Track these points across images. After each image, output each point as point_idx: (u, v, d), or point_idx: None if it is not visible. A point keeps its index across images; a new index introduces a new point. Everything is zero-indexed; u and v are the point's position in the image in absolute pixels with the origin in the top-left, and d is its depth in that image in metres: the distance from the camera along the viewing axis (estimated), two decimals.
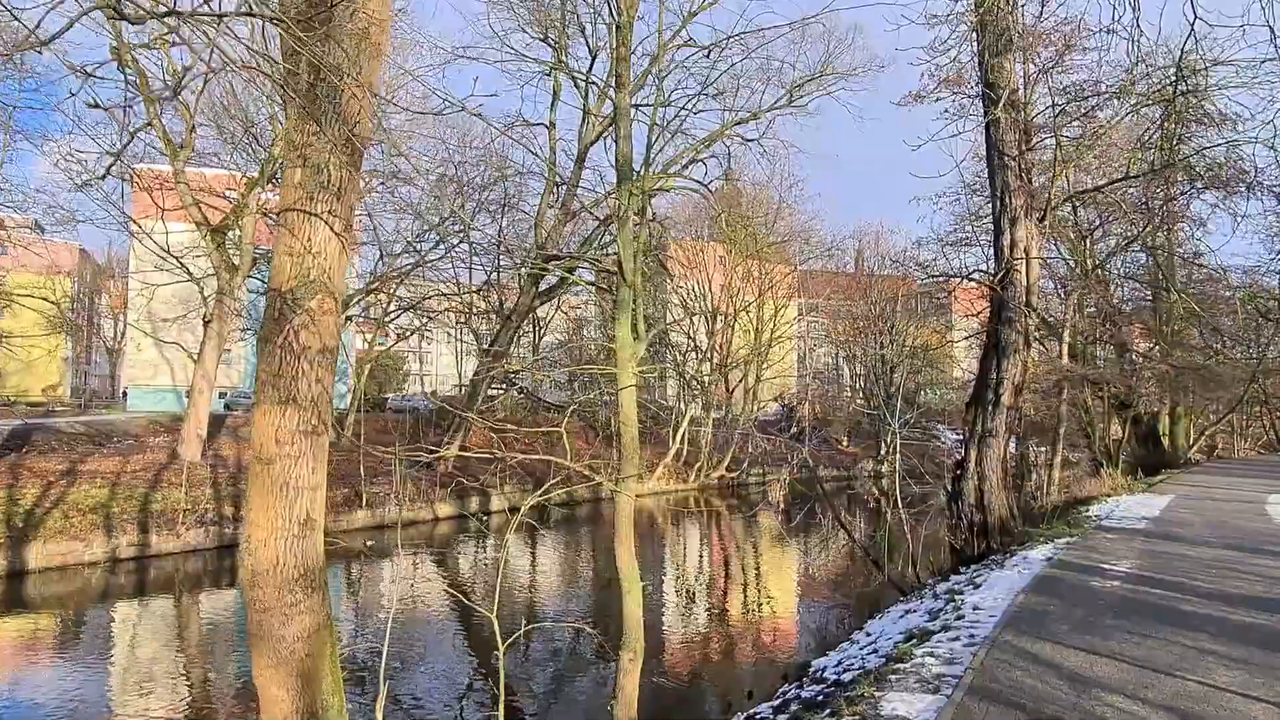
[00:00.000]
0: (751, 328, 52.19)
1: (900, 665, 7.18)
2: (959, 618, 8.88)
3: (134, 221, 30.30)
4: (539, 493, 7.78)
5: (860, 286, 61.36)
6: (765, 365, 54.73)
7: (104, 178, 30.71)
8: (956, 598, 10.39)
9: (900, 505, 17.78)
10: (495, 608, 7.25)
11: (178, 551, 23.99)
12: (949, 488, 16.01)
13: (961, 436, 16.22)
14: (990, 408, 15.19)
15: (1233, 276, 33.22)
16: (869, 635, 11.51)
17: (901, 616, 11.78)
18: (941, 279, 34.56)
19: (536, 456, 8.59)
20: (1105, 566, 11.35)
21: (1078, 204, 31.21)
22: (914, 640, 8.56)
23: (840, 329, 65.16)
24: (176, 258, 31.42)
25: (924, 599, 12.72)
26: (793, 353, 68.15)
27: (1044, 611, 8.72)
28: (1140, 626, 8.08)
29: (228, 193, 34.72)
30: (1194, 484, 26.98)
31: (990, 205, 16.85)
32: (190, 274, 31.86)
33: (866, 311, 59.79)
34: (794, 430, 41.76)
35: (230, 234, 32.70)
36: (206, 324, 32.58)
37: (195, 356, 33.17)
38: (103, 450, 31.46)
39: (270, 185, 32.88)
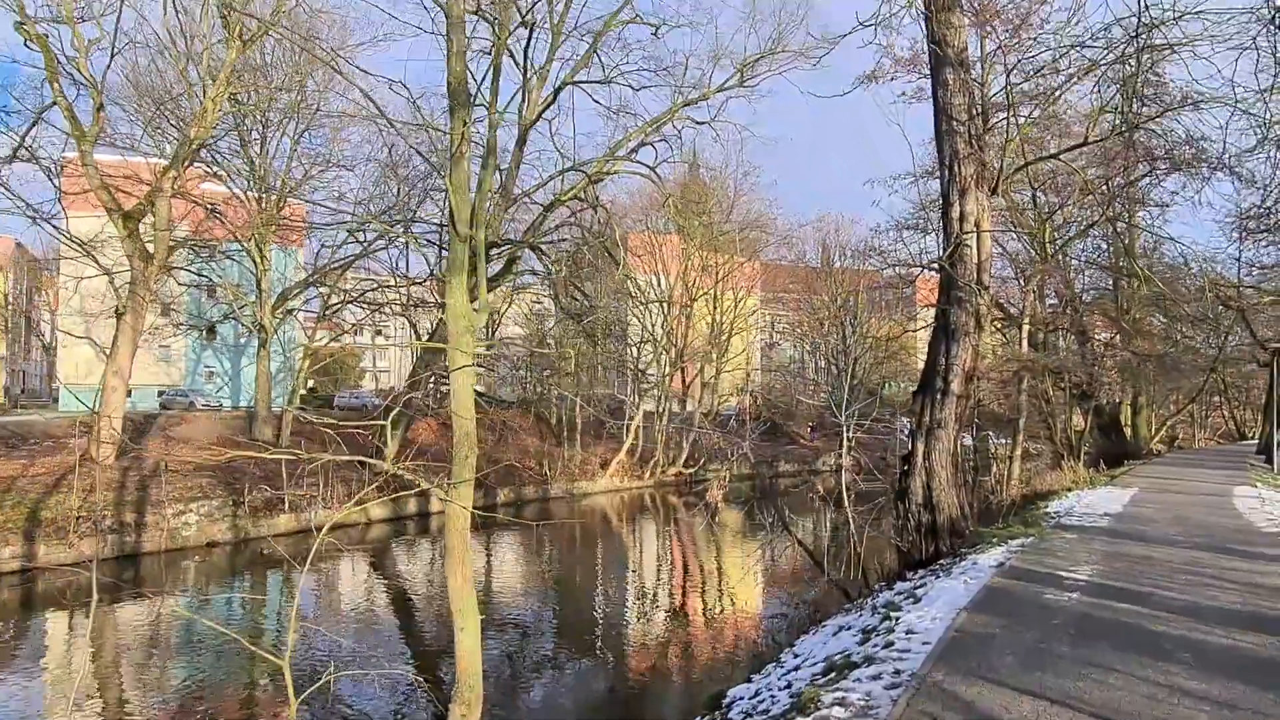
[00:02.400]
0: (710, 318, 50.83)
1: None
2: (888, 645, 7.39)
3: (31, 207, 27.94)
4: (349, 505, 6.17)
5: (820, 277, 60.35)
6: (724, 358, 53.39)
7: (10, 161, 28.56)
8: (892, 615, 8.93)
9: (848, 503, 16.41)
10: (290, 651, 5.62)
11: (70, 563, 21.90)
12: (896, 484, 14.61)
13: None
14: (939, 396, 13.79)
15: (1193, 265, 32.43)
16: (796, 657, 10.03)
17: (834, 634, 10.32)
18: (895, 267, 33.28)
19: (346, 457, 6.96)
20: (1063, 574, 9.96)
21: (1037, 188, 30.20)
22: (831, 675, 7.07)
23: (803, 321, 64.12)
24: (79, 244, 29.19)
25: (863, 611, 11.30)
26: (755, 346, 66.94)
27: (988, 636, 7.25)
28: (1102, 655, 6.64)
29: (140, 176, 32.52)
30: (1157, 476, 25.98)
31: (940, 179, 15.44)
32: (97, 262, 29.57)
33: (828, 303, 58.78)
34: (730, 424, 40.39)
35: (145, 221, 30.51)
36: (120, 317, 30.32)
37: (107, 352, 30.90)
38: (16, 452, 29.17)
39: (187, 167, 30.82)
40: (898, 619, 8.47)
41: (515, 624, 18.17)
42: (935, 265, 14.60)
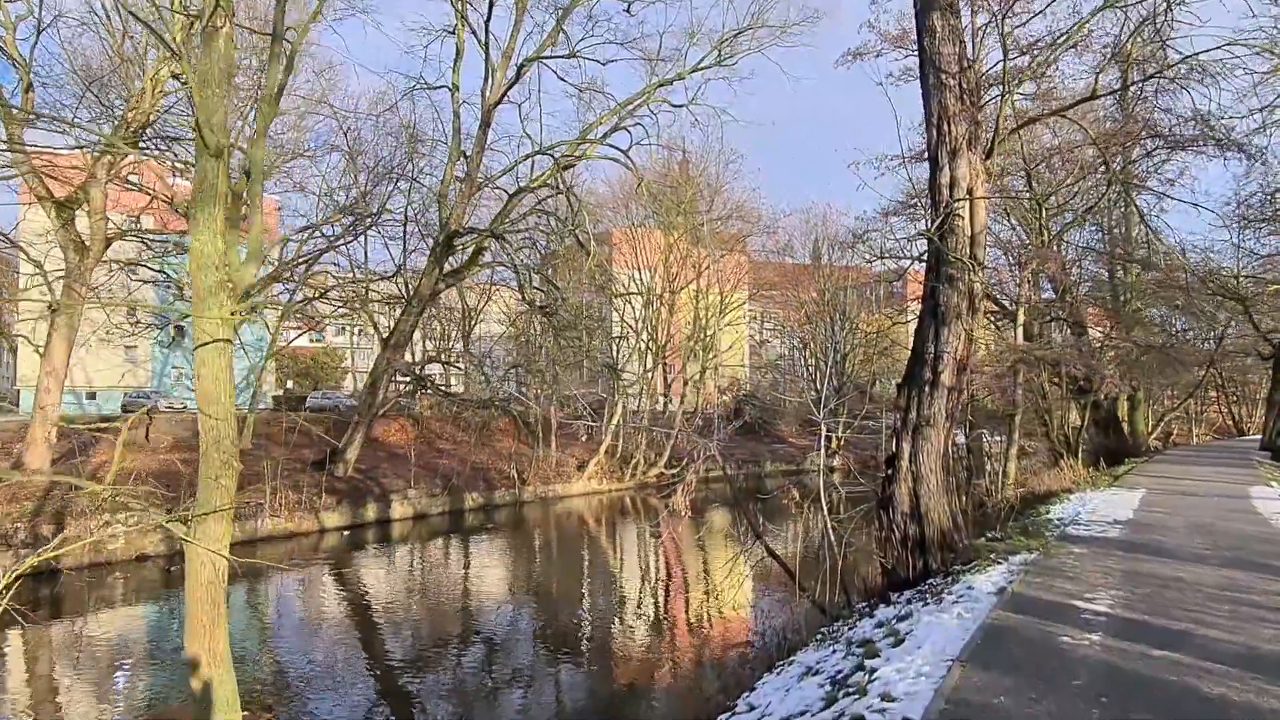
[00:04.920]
0: (692, 311, 48.94)
1: None
2: None
3: None
4: (46, 550, 4.25)
5: (808, 272, 58.71)
6: (709, 354, 51.50)
7: None
8: (868, 662, 7.07)
9: (825, 510, 14.56)
10: None
11: None
12: (879, 491, 12.75)
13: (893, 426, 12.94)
14: (927, 389, 11.92)
15: (1191, 255, 30.85)
16: (751, 709, 8.18)
17: (799, 679, 8.47)
18: (884, 258, 31.52)
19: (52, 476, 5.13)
20: (1078, 604, 8.11)
21: (1032, 170, 28.47)
22: None
23: (791, 317, 62.39)
24: (5, 235, 27.18)
25: (837, 645, 9.46)
26: (743, 343, 65.14)
27: (989, 708, 5.38)
28: None
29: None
30: (1162, 474, 24.23)
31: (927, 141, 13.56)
32: (27, 254, 27.57)
33: (816, 298, 57.09)
34: (696, 421, 38.38)
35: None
36: (54, 313, 28.25)
37: (41, 350, 28.79)
38: None
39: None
40: (874, 673, 6.60)
41: (422, 647, 16.28)
42: (921, 233, 12.73)
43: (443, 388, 40.92)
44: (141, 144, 29.94)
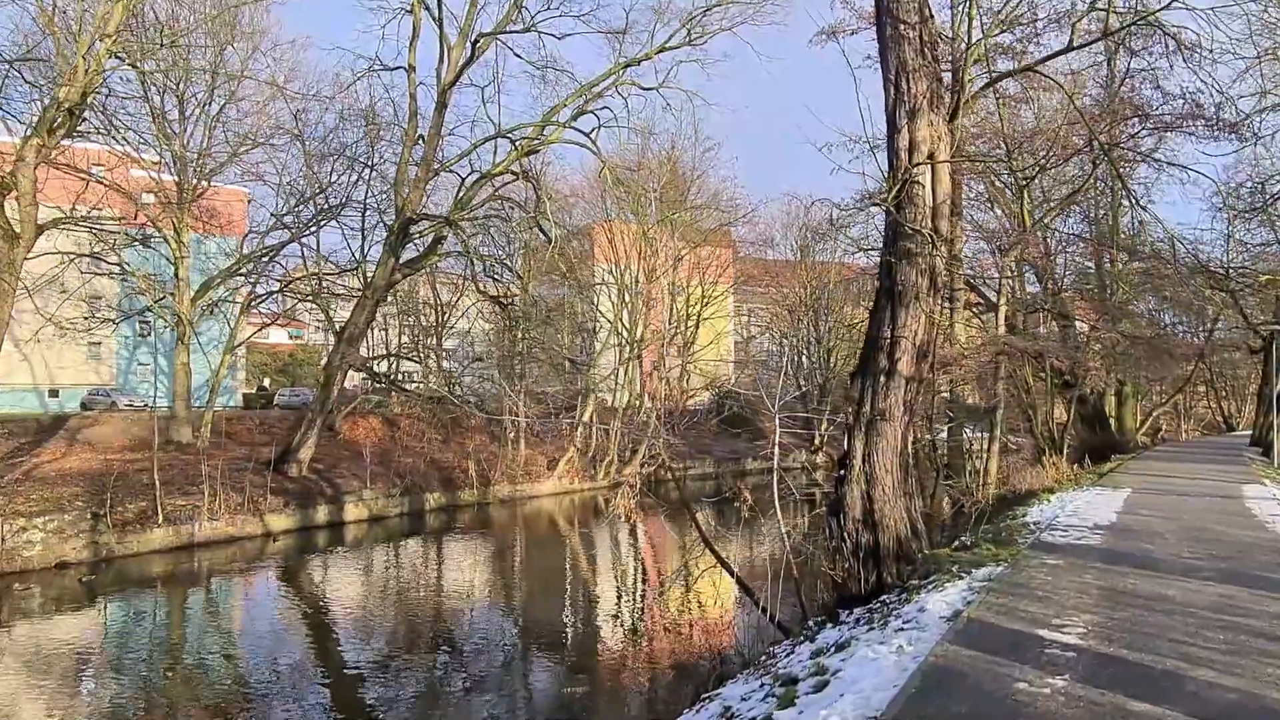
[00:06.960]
0: (671, 305, 47.54)
1: None
2: None
3: None
4: None
5: (791, 267, 57.43)
6: (688, 349, 50.09)
7: None
8: (775, 718, 5.67)
9: (779, 514, 13.18)
10: None
11: None
12: (831, 493, 11.37)
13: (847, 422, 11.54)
14: (883, 379, 10.53)
15: (1180, 247, 29.63)
16: None
17: None
18: (865, 251, 30.15)
19: None
20: (1043, 634, 6.72)
21: (1013, 152, 27.11)
22: None
23: (774, 311, 61.10)
24: None
25: (766, 677, 8.08)
26: (727, 338, 63.79)
27: None
28: None
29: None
30: (1149, 472, 22.95)
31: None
32: None
33: (798, 291, 55.82)
34: (646, 419, 36.83)
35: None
36: None
37: None
38: None
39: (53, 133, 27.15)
40: None
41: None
42: (877, 202, 11.35)
43: (410, 384, 39.37)
44: (78, 127, 28.32)
